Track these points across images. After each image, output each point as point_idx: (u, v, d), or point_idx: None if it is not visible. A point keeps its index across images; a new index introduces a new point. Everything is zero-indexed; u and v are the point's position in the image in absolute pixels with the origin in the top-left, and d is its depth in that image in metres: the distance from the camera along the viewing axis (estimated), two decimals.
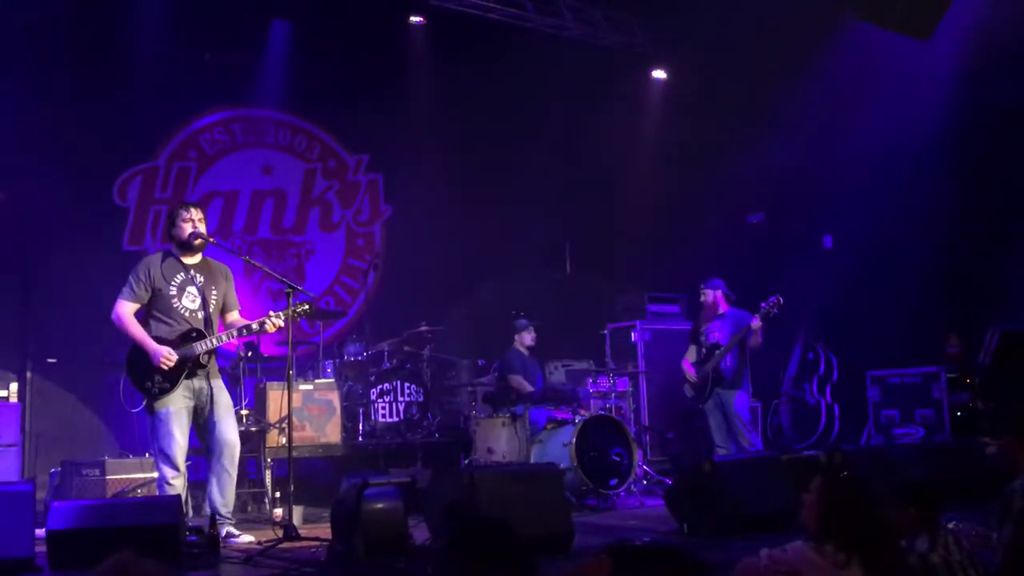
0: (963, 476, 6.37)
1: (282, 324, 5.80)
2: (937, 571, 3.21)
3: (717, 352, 8.10)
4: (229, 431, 5.83)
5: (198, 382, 5.78)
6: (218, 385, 5.88)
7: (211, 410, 5.79)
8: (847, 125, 9.40)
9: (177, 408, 5.69)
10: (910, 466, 6.55)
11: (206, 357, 5.79)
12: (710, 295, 8.34)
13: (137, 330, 5.74)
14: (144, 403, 5.70)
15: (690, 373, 8.30)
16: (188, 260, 5.92)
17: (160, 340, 5.70)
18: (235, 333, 5.89)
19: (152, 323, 5.79)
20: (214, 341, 5.79)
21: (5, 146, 8.42)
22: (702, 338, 8.36)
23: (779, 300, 7.87)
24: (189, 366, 5.71)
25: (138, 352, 5.71)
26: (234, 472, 5.86)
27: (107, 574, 2.15)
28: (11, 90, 8.49)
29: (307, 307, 5.87)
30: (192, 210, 5.97)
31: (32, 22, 8.63)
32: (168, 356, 5.64)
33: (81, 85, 8.95)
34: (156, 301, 5.79)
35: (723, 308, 8.28)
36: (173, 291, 5.81)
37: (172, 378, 5.68)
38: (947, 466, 6.74)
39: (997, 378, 8.27)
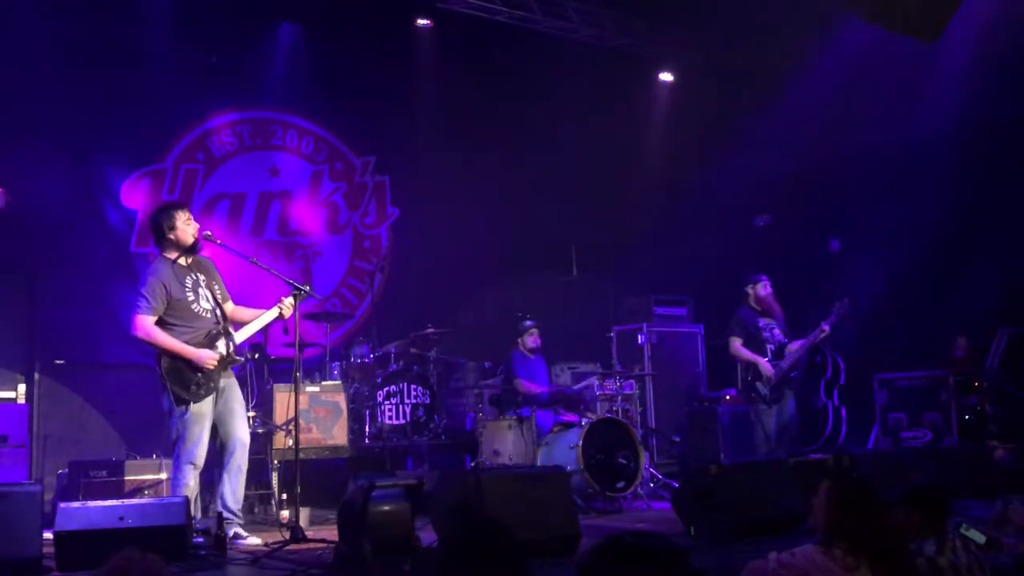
0: (971, 480, 6.35)
1: (294, 303, 5.85)
2: (945, 574, 3.21)
3: (789, 353, 7.72)
4: (241, 430, 5.87)
5: (223, 380, 5.81)
6: (231, 383, 5.91)
7: (225, 409, 5.81)
8: (854, 127, 9.39)
9: (208, 409, 5.70)
10: (917, 469, 6.54)
11: (235, 352, 5.85)
12: (768, 285, 7.91)
13: (168, 340, 5.64)
14: (186, 405, 5.61)
15: (769, 369, 7.69)
16: (186, 261, 5.88)
17: (193, 345, 5.70)
18: (257, 326, 5.94)
19: (174, 330, 5.70)
20: (237, 337, 5.86)
21: (12, 147, 8.46)
22: (766, 334, 7.87)
23: (848, 303, 7.58)
24: (226, 364, 5.77)
25: (175, 359, 5.64)
26: (245, 470, 5.89)
27: (111, 572, 2.15)
28: (19, 92, 8.53)
29: (308, 288, 5.93)
30: (187, 211, 5.95)
31: (40, 23, 8.66)
32: (212, 357, 5.66)
33: (89, 87, 8.97)
34: (175, 308, 5.71)
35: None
36: (190, 296, 5.77)
37: (215, 377, 5.71)
38: (954, 469, 6.73)
39: (1005, 381, 8.26)
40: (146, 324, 5.63)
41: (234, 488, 5.80)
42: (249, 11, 9.58)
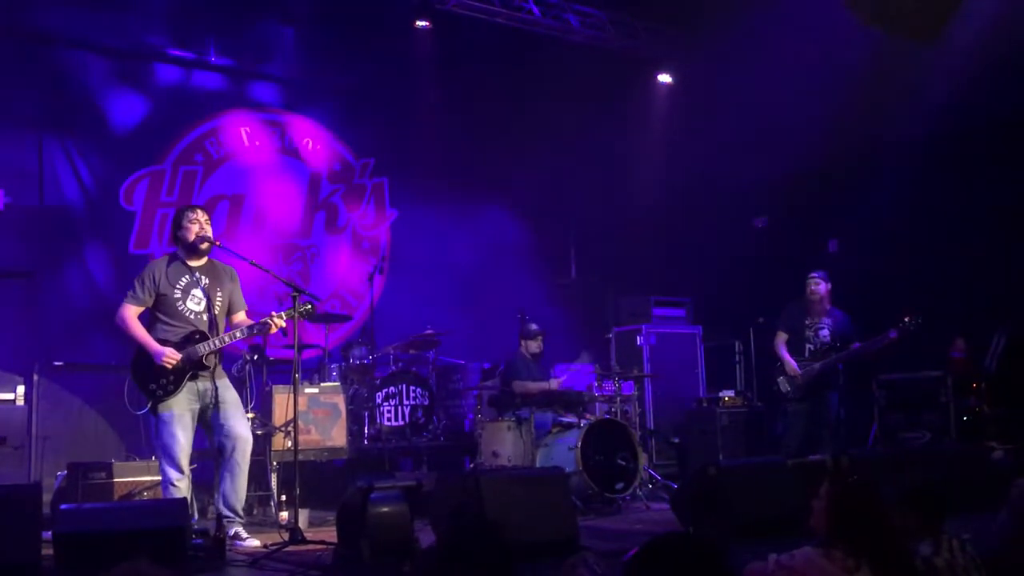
0: (969, 480, 6.35)
1: (284, 324, 5.80)
2: (942, 575, 3.21)
3: (832, 354, 7.84)
4: (240, 426, 5.85)
5: (202, 384, 5.80)
6: (224, 384, 5.90)
7: (219, 409, 5.80)
8: (852, 128, 9.39)
9: (181, 411, 5.71)
10: (915, 470, 6.53)
11: (210, 358, 5.80)
12: (823, 286, 7.99)
13: (139, 331, 5.76)
14: (148, 405, 5.71)
15: (795, 368, 7.90)
16: (193, 263, 5.94)
17: (164, 342, 5.73)
18: (238, 334, 5.89)
19: (157, 326, 5.81)
20: (217, 342, 5.81)
21: (12, 149, 8.46)
22: (809, 332, 7.99)
23: (919, 319, 7.58)
24: (192, 368, 5.74)
25: (142, 354, 5.74)
26: (246, 467, 5.88)
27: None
28: (19, 91, 8.55)
29: (309, 307, 5.87)
30: (198, 212, 5.99)
31: (41, 22, 8.68)
32: (170, 356, 5.66)
33: (88, 88, 8.98)
34: (161, 304, 5.82)
35: (830, 303, 8.06)
36: (178, 294, 5.83)
37: (176, 380, 5.70)
38: (952, 470, 6.72)
39: (1004, 382, 8.24)
40: (124, 311, 5.81)
41: (235, 485, 5.80)
42: (248, 12, 9.60)
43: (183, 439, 5.70)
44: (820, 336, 7.99)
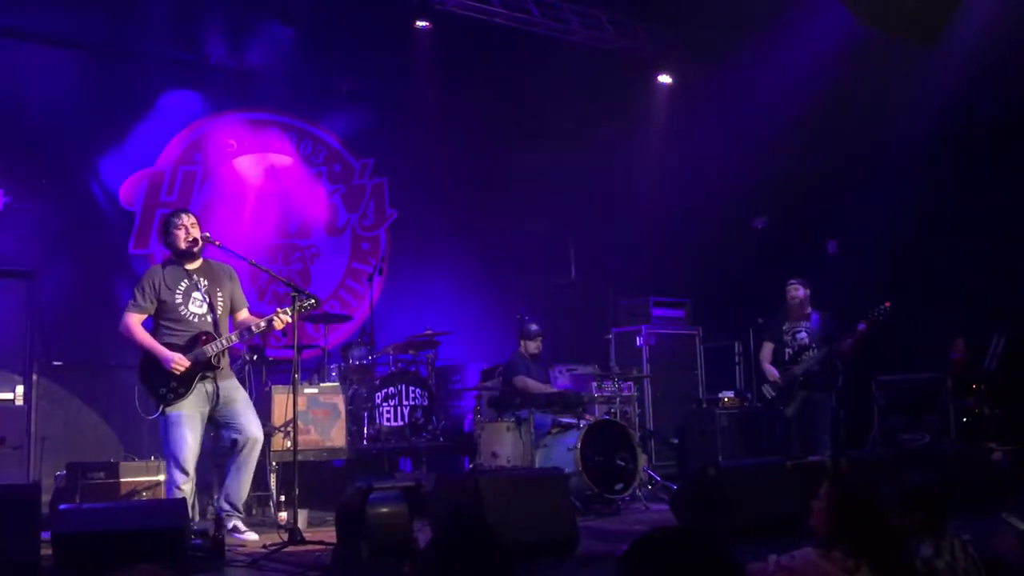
0: (968, 482, 6.35)
1: (289, 320, 5.82)
2: None
3: (806, 356, 8.07)
4: (253, 426, 5.93)
5: (210, 385, 5.84)
6: (231, 384, 5.97)
7: (230, 407, 5.88)
8: (852, 129, 9.39)
9: (190, 412, 5.74)
10: (915, 471, 6.52)
11: (217, 359, 5.83)
12: (801, 291, 8.23)
13: (145, 338, 5.81)
14: (159, 408, 5.75)
15: (773, 374, 8.19)
16: (189, 266, 5.98)
17: (170, 347, 5.77)
18: (244, 333, 5.92)
19: (162, 331, 5.86)
20: (224, 342, 5.84)
21: (12, 147, 8.46)
22: (787, 337, 8.24)
23: (887, 307, 7.75)
24: (202, 369, 5.77)
25: (149, 358, 5.77)
26: (253, 464, 5.96)
27: None
28: (19, 91, 8.54)
29: (313, 302, 5.89)
30: (182, 217, 6.00)
31: (41, 23, 8.68)
32: (180, 362, 5.69)
33: (88, 87, 8.98)
34: (163, 310, 5.86)
35: (809, 307, 8.26)
36: (179, 298, 5.87)
37: (187, 382, 5.74)
38: (952, 471, 6.72)
39: (1003, 383, 8.25)
40: (127, 320, 5.87)
41: (240, 480, 5.90)
42: (247, 12, 9.59)
43: (191, 441, 5.74)
44: (798, 339, 8.19)
